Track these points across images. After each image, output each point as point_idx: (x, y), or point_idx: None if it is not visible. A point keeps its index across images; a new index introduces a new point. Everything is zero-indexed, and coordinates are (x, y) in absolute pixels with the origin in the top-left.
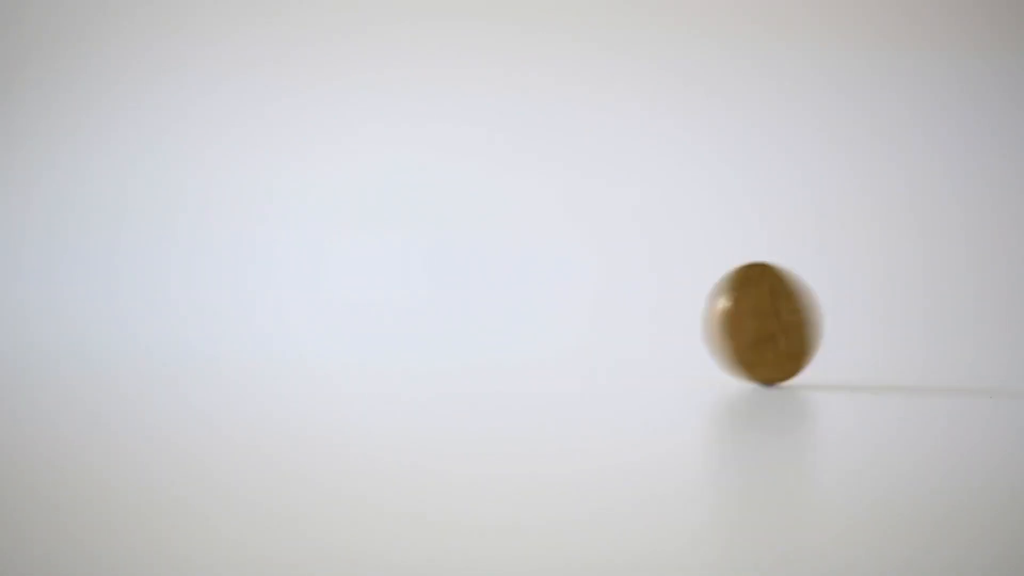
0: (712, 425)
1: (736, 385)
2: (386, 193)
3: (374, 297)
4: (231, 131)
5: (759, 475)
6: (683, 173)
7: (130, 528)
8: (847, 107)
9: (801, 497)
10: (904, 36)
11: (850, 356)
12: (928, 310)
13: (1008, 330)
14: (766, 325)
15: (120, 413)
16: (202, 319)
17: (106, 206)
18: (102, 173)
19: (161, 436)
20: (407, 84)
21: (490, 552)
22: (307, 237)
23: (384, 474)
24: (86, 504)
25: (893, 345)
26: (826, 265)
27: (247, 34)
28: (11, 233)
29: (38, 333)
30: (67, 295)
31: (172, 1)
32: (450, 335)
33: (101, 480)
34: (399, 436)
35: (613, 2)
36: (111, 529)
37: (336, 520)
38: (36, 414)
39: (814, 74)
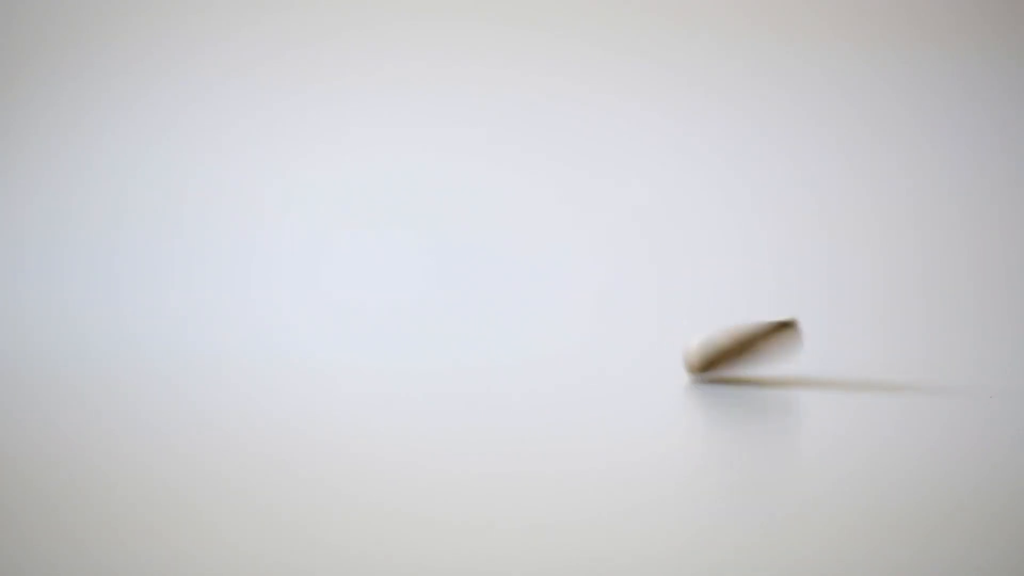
0: (711, 425)
1: (736, 386)
2: (386, 193)
3: (374, 297)
4: (231, 131)
5: (757, 475)
6: (685, 173)
7: (130, 527)
8: (848, 106)
9: (799, 497)
10: (905, 36)
11: (848, 355)
12: (928, 309)
13: (1008, 329)
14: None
15: (120, 413)
16: (202, 319)
17: (106, 206)
18: (102, 173)
19: (160, 436)
20: (407, 83)
21: (489, 552)
22: (307, 237)
23: (383, 474)
24: (86, 504)
25: (892, 344)
26: (826, 263)
27: (246, 34)
28: (11, 233)
29: (38, 333)
30: (67, 295)
31: (172, 1)
32: (450, 335)
33: (101, 480)
34: (399, 436)
35: (613, 2)
36: (111, 528)
37: (336, 519)
38: (36, 414)
39: (816, 74)
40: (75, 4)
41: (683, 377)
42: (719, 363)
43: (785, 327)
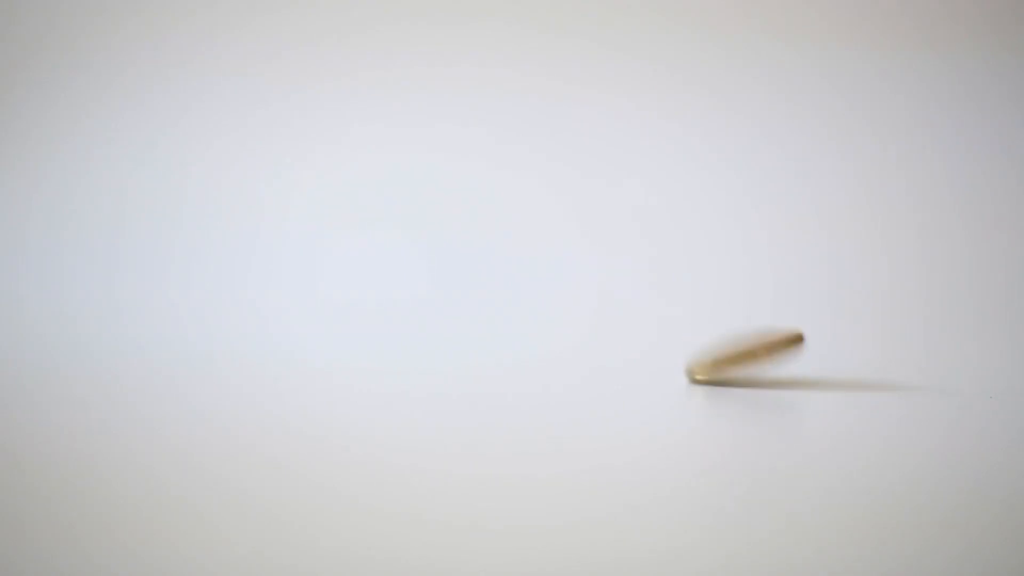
0: (711, 425)
1: (736, 387)
2: (386, 193)
3: (374, 297)
4: (231, 131)
5: (757, 475)
6: (684, 173)
7: (129, 527)
8: (848, 107)
9: (799, 497)
10: (905, 37)
11: (848, 355)
12: (927, 310)
13: (1008, 330)
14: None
15: (120, 412)
16: (202, 318)
17: (106, 206)
18: (102, 173)
19: (160, 435)
20: (407, 84)
21: (489, 551)
22: (307, 236)
23: (383, 473)
24: (86, 503)
25: (892, 345)
26: (826, 264)
27: (246, 34)
28: (11, 233)
29: (38, 333)
30: (67, 295)
31: (172, 1)
32: (450, 335)
33: (100, 479)
34: (398, 435)
35: (613, 2)
36: (110, 528)
37: (335, 520)
38: (36, 414)
39: (816, 74)
40: (75, 4)
41: (684, 377)
42: (722, 374)
43: (790, 340)
